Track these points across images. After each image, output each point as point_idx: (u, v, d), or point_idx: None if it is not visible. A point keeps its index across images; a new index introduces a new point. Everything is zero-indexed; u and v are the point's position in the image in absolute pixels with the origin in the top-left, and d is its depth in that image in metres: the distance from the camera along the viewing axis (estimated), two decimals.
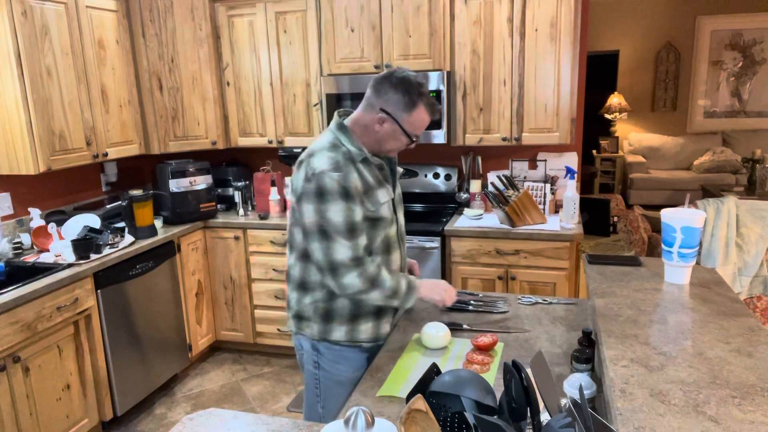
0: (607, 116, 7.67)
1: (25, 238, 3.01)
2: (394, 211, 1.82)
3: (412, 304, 1.80)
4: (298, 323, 1.82)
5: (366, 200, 1.68)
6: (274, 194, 3.63)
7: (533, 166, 3.62)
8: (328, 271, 1.65)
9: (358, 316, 1.77)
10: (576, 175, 3.54)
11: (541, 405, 1.19)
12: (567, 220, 3.15)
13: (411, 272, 2.03)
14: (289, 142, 3.70)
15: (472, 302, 2.08)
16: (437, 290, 1.86)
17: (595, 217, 4.19)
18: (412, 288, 1.77)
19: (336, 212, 1.62)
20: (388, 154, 1.77)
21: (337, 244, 1.62)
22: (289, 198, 1.74)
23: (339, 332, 1.76)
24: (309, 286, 1.76)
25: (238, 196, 3.73)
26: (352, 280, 1.64)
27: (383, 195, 1.73)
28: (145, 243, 3.14)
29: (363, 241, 1.67)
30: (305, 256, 1.74)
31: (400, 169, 1.94)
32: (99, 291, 2.84)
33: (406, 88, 1.65)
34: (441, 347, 1.73)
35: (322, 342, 1.78)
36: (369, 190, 1.69)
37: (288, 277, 1.83)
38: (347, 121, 1.74)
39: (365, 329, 1.78)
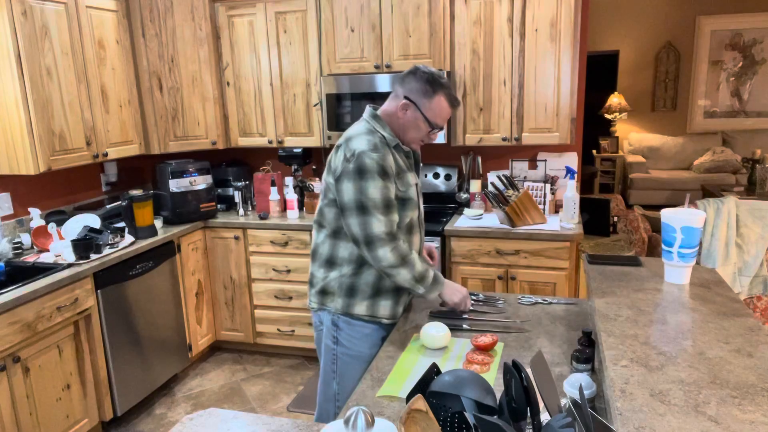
0: (607, 116, 7.67)
1: (25, 238, 3.01)
2: (418, 196, 1.96)
3: (432, 297, 1.91)
4: (321, 298, 1.94)
5: (398, 181, 1.83)
6: (274, 194, 3.63)
7: (533, 166, 3.62)
8: (365, 244, 1.78)
9: (380, 292, 1.90)
10: (576, 175, 3.54)
11: (541, 405, 1.19)
12: (567, 220, 3.15)
13: (430, 255, 2.17)
14: (289, 142, 3.70)
15: (472, 298, 2.08)
16: (458, 294, 1.95)
17: (595, 217, 4.19)
18: (438, 281, 1.89)
19: (375, 189, 1.76)
20: (410, 144, 1.91)
21: (374, 219, 1.76)
22: (325, 179, 1.89)
23: (361, 307, 1.89)
24: (337, 261, 1.90)
25: (238, 196, 3.73)
26: (385, 253, 1.77)
27: (412, 178, 1.91)
28: (145, 243, 3.14)
29: (396, 218, 1.82)
30: (336, 234, 1.88)
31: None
32: (99, 291, 2.84)
33: (428, 78, 1.81)
34: (441, 347, 1.73)
35: (343, 316, 1.90)
36: (401, 172, 1.85)
37: (314, 256, 1.96)
38: (378, 112, 1.90)
39: (385, 306, 1.91)
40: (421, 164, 2.08)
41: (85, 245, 2.82)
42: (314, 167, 4.00)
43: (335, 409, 1.95)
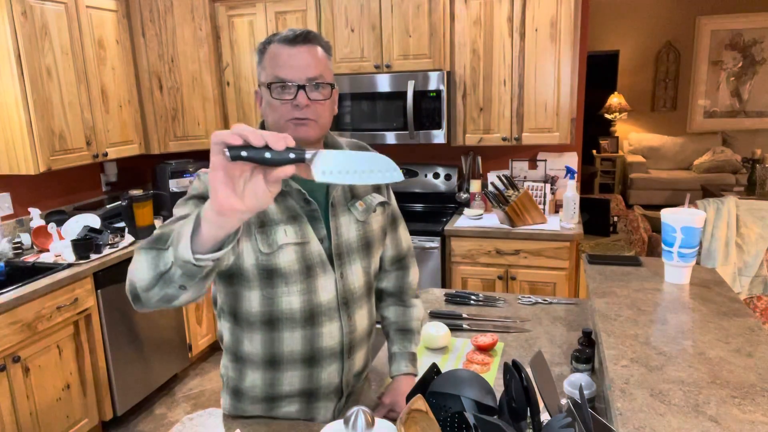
0: (607, 116, 7.67)
1: (25, 238, 3.01)
2: (332, 264, 1.29)
3: (208, 236, 0.86)
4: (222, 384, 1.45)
5: (258, 237, 1.21)
6: None
7: (533, 166, 3.62)
8: None
9: (277, 397, 1.34)
10: (576, 175, 3.54)
11: (541, 405, 1.19)
12: (567, 220, 3.15)
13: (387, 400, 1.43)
14: None
15: (472, 298, 2.09)
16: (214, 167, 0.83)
17: (595, 217, 4.19)
18: (196, 218, 0.87)
19: (178, 208, 1.16)
20: (285, 129, 1.20)
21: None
22: None
23: (254, 411, 1.37)
24: (222, 343, 1.40)
25: None
26: None
27: (286, 235, 1.22)
28: None
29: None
30: (215, 303, 1.39)
31: (376, 198, 1.37)
32: (99, 291, 2.84)
33: (257, 49, 1.26)
34: (441, 347, 1.73)
35: (236, 420, 1.38)
36: (265, 224, 1.22)
37: None
38: None
39: (290, 411, 1.36)
40: (377, 200, 1.38)
41: (85, 245, 2.82)
42: None
43: None
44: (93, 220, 3.13)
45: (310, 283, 1.26)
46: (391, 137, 3.38)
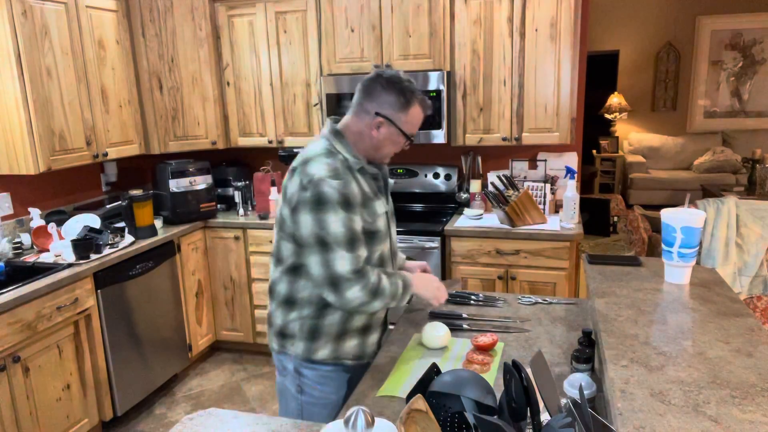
0: (607, 116, 7.67)
1: (25, 238, 3.01)
2: (388, 226, 1.75)
3: (406, 301, 1.73)
4: (281, 341, 1.73)
5: (364, 211, 1.61)
6: (274, 194, 3.63)
7: (533, 166, 3.62)
8: (329, 285, 1.57)
9: (346, 332, 1.70)
10: (576, 175, 3.54)
11: (541, 405, 1.19)
12: (567, 220, 3.15)
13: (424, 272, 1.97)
14: (289, 142, 3.70)
15: (472, 298, 2.09)
16: (430, 288, 1.79)
17: (595, 217, 4.20)
18: (408, 286, 1.70)
19: (336, 222, 1.53)
20: (382, 160, 1.72)
21: (338, 256, 1.54)
22: (280, 209, 1.66)
23: (324, 351, 1.69)
24: (297, 302, 1.68)
25: (238, 196, 3.73)
26: (355, 293, 1.56)
27: (380, 206, 1.68)
28: (145, 243, 3.14)
29: (363, 252, 1.60)
30: (294, 271, 1.66)
31: (391, 182, 1.87)
32: (99, 291, 2.84)
33: (399, 88, 1.61)
34: (441, 347, 1.73)
35: (305, 362, 1.70)
36: (367, 200, 1.63)
37: (271, 293, 1.75)
38: (340, 127, 1.68)
39: (350, 346, 1.72)
40: (392, 181, 1.92)
41: (85, 245, 2.82)
42: None
43: None
44: (93, 220, 3.13)
45: (385, 240, 1.71)
46: None
